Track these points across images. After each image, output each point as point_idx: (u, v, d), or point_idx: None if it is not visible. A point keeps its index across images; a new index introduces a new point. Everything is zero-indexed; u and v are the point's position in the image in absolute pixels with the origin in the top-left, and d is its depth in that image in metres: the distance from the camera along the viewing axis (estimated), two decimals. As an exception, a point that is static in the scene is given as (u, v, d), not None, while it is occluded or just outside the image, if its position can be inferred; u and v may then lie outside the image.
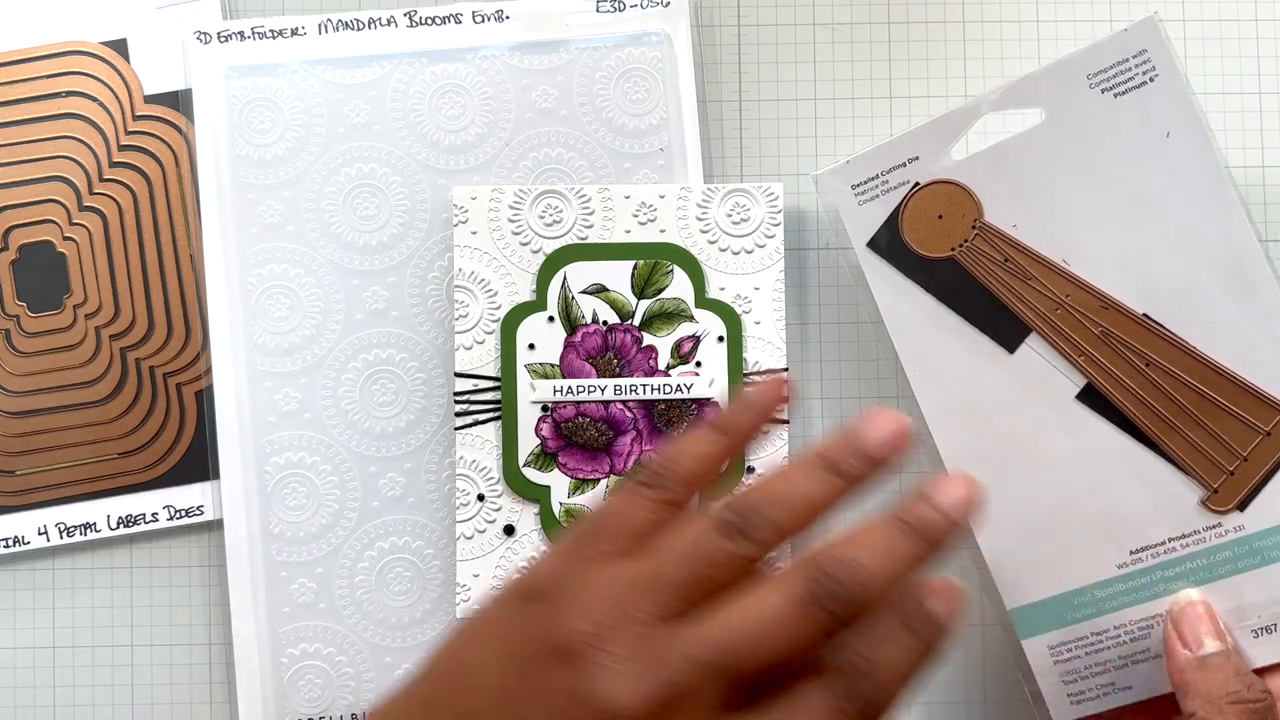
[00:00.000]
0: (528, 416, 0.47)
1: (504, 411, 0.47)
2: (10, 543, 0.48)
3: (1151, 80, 0.44)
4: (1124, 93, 0.44)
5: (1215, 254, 0.43)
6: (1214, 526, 0.44)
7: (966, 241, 0.45)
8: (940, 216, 0.45)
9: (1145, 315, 0.44)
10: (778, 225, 0.47)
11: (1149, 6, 0.49)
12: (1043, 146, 0.44)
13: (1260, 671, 0.43)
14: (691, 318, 0.47)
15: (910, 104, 0.49)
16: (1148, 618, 0.44)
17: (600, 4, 0.48)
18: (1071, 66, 0.44)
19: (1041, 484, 0.44)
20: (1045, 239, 0.44)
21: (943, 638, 0.32)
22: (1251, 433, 0.44)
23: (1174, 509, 0.44)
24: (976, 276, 0.45)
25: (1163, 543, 0.44)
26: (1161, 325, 0.44)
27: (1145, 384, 0.44)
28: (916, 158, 0.45)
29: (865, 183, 0.46)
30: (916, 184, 0.45)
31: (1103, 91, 0.44)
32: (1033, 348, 0.45)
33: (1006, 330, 0.45)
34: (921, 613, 0.32)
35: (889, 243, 0.45)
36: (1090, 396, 0.44)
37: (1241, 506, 0.43)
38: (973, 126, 0.45)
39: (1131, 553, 0.44)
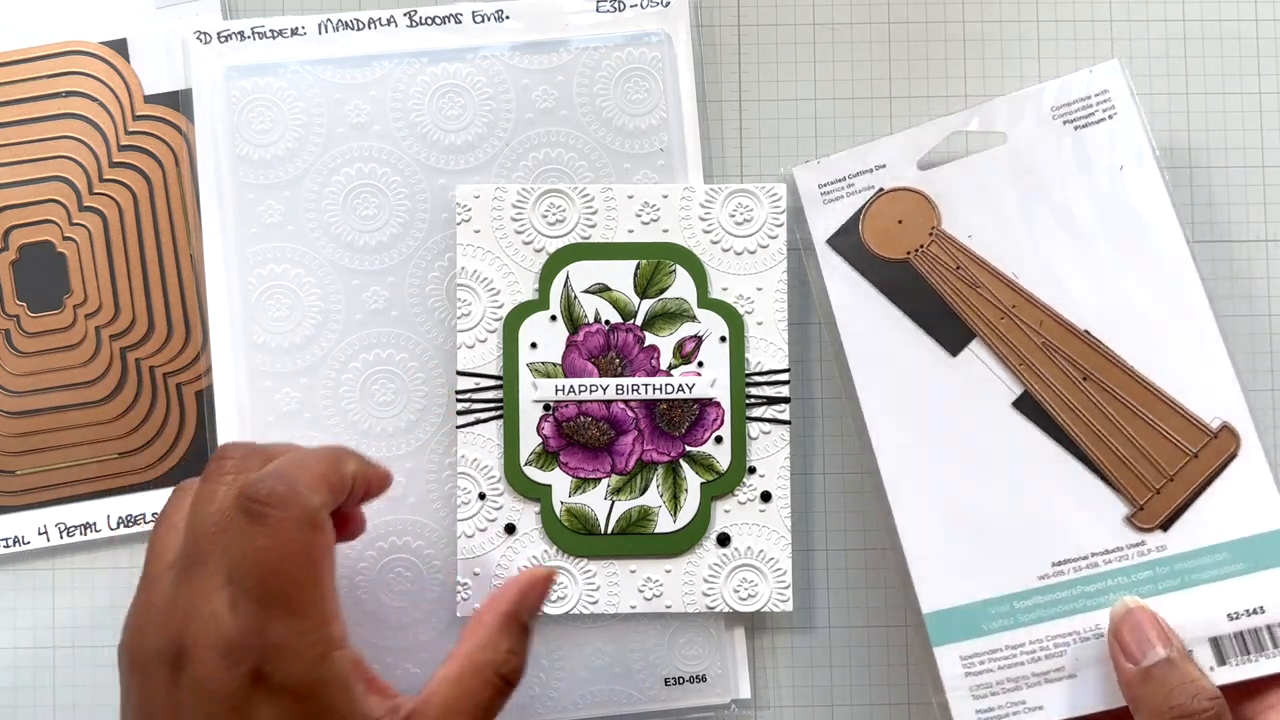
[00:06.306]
0: (529, 415, 0.47)
1: (505, 410, 0.47)
2: (10, 543, 0.48)
3: (1111, 118, 0.46)
4: (1084, 126, 0.46)
5: (1158, 281, 0.45)
6: (1137, 544, 0.44)
7: (923, 247, 0.46)
8: (900, 221, 0.47)
9: (1087, 331, 0.45)
10: (780, 226, 0.47)
11: (1148, 8, 0.50)
12: (1004, 166, 0.46)
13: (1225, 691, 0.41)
14: (694, 318, 0.47)
15: (910, 104, 0.49)
16: (1064, 634, 0.44)
17: (600, 4, 0.49)
18: (1038, 97, 0.46)
19: (971, 487, 0.45)
20: (998, 252, 0.46)
21: None
22: (1179, 453, 0.44)
23: (1099, 522, 0.44)
24: (928, 280, 0.46)
25: (1085, 557, 0.44)
26: (1102, 342, 0.45)
27: (1081, 396, 0.45)
28: (884, 165, 0.47)
29: (833, 183, 0.47)
30: (881, 189, 0.47)
31: (1064, 123, 0.46)
32: (975, 353, 0.46)
33: (951, 334, 0.46)
34: None
35: (848, 241, 0.47)
36: (1026, 405, 0.45)
37: (1165, 526, 0.44)
38: (940, 141, 0.47)
39: (1054, 564, 0.44)
